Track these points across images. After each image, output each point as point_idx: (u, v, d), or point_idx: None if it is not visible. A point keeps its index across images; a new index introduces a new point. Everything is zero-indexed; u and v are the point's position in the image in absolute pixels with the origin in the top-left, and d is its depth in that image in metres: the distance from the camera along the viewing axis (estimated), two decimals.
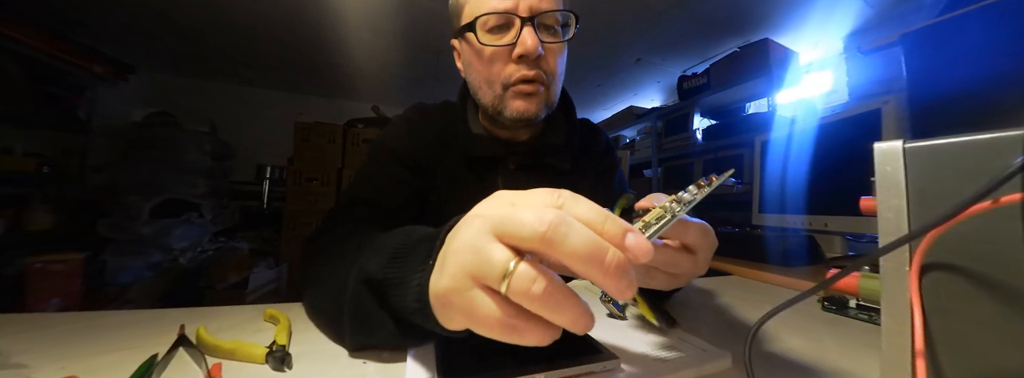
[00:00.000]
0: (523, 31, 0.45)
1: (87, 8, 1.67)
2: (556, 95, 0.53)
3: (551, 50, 0.48)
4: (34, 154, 1.80)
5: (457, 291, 0.19)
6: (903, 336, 0.21)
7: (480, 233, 0.19)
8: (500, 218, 0.19)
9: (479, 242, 0.19)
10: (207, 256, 2.05)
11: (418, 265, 0.26)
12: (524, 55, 0.45)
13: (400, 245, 0.29)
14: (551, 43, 0.48)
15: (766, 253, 0.79)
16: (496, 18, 0.45)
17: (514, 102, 0.49)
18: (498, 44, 0.46)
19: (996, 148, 0.19)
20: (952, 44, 0.68)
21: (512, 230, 0.18)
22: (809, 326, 0.42)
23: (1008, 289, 0.18)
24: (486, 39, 0.47)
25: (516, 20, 0.45)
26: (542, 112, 0.50)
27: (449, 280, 0.19)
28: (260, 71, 2.47)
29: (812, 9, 1.63)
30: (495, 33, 0.47)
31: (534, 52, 0.45)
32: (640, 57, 2.14)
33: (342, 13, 1.69)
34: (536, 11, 0.45)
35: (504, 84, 0.48)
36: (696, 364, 0.30)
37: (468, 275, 0.19)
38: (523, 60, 0.46)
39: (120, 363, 0.29)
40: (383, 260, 0.29)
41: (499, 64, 0.48)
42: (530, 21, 0.45)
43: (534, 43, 0.44)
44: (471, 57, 0.50)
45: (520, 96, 0.48)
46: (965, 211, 0.18)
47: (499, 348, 0.32)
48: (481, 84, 0.51)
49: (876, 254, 0.22)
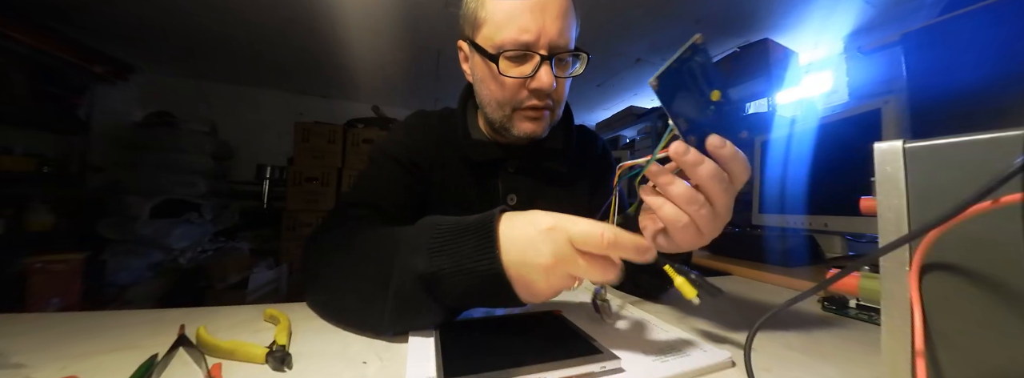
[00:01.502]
0: (541, 69, 0.47)
1: (87, 8, 1.67)
2: (560, 114, 0.56)
3: (561, 82, 0.51)
4: (34, 154, 1.81)
5: (564, 259, 0.29)
6: (903, 336, 0.21)
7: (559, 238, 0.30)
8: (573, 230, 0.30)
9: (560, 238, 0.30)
10: (207, 256, 2.05)
11: (474, 256, 0.31)
12: (539, 90, 0.48)
13: (434, 240, 0.33)
14: (563, 77, 0.50)
15: (766, 253, 0.79)
16: (516, 51, 0.47)
17: (522, 124, 0.52)
18: (516, 76, 0.48)
19: (996, 148, 0.19)
20: (952, 44, 0.68)
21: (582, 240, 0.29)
22: (809, 326, 0.42)
23: (1008, 289, 0.18)
24: (505, 68, 0.48)
25: (535, 55, 0.47)
26: (547, 131, 0.54)
27: (548, 254, 0.29)
28: (260, 71, 2.47)
29: (812, 9, 1.63)
30: (513, 62, 0.49)
31: (548, 89, 0.48)
32: (640, 57, 2.14)
33: (342, 13, 1.69)
34: (554, 49, 0.47)
35: (514, 108, 0.51)
36: (696, 364, 0.30)
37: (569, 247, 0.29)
38: (536, 93, 0.49)
39: (120, 363, 0.29)
40: (424, 255, 0.33)
41: (512, 91, 0.50)
42: (548, 60, 0.47)
43: (549, 80, 0.47)
44: (484, 75, 0.52)
45: (528, 119, 0.51)
46: (965, 211, 0.18)
47: (499, 348, 0.32)
48: (491, 101, 0.53)
49: (876, 254, 0.22)
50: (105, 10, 1.68)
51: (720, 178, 0.29)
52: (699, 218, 0.30)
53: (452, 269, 0.32)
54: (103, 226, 1.88)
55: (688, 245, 0.33)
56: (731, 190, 0.30)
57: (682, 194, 0.30)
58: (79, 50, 1.89)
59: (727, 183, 0.29)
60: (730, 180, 0.29)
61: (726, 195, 0.30)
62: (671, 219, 0.30)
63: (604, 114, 2.91)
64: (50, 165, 1.85)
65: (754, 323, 0.28)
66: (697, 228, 0.31)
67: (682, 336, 0.36)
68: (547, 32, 0.46)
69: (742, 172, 0.30)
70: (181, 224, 1.99)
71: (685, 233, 0.31)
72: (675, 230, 0.31)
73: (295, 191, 2.25)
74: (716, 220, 0.30)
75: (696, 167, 0.28)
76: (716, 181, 0.29)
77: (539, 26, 0.46)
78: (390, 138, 0.59)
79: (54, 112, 1.87)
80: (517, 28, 0.46)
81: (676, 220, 0.30)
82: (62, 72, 1.88)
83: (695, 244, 0.33)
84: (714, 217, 0.30)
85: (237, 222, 2.34)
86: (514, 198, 0.58)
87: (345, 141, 2.39)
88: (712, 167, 0.28)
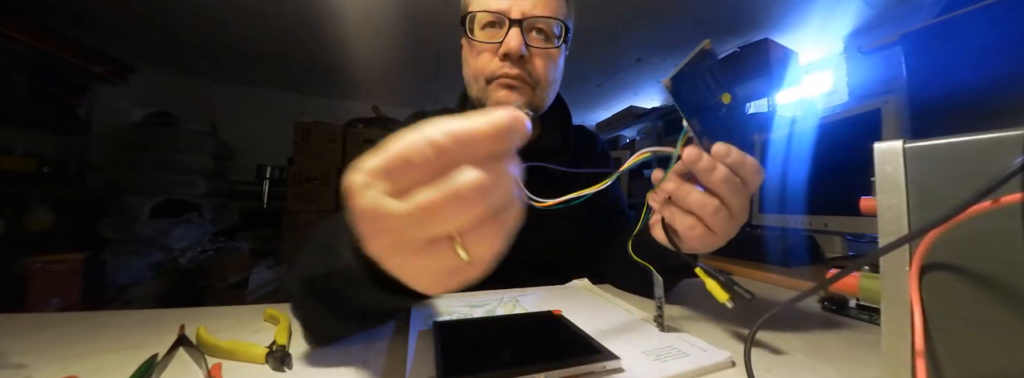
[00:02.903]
0: (510, 32, 0.48)
1: (87, 8, 1.67)
2: (545, 100, 0.54)
3: (539, 54, 0.50)
4: (34, 154, 1.80)
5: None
6: (903, 336, 0.21)
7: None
8: None
9: None
10: (207, 256, 2.05)
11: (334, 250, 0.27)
12: (507, 54, 0.48)
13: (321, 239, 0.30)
14: (539, 47, 0.50)
15: (766, 253, 0.79)
16: (490, 16, 0.49)
17: (496, 93, 0.51)
18: (485, 41, 0.50)
19: (996, 148, 0.19)
20: (952, 44, 0.68)
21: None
22: (809, 326, 0.42)
23: (1008, 289, 0.18)
24: (479, 35, 0.50)
25: (506, 21, 0.48)
26: (527, 109, 0.52)
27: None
28: (260, 71, 2.47)
29: (812, 9, 1.63)
30: (487, 30, 0.50)
31: (516, 52, 0.47)
32: (640, 57, 2.14)
33: (342, 13, 1.69)
34: (527, 16, 0.48)
35: (488, 78, 0.51)
36: (696, 364, 0.30)
37: None
38: (507, 58, 0.49)
39: (120, 363, 0.29)
40: (315, 254, 0.30)
41: (485, 59, 0.50)
42: (518, 23, 0.48)
43: (518, 44, 0.47)
44: (466, 51, 0.53)
45: (502, 87, 0.50)
46: (965, 211, 0.18)
47: (499, 348, 0.32)
48: (470, 78, 0.53)
49: (876, 254, 0.22)
50: (105, 10, 1.68)
51: (732, 183, 0.29)
52: (715, 223, 0.30)
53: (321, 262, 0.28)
54: (103, 226, 1.88)
55: (704, 247, 0.33)
56: (745, 193, 0.30)
57: (698, 201, 0.30)
58: (79, 50, 1.89)
59: (740, 187, 0.29)
60: (743, 184, 0.30)
61: (739, 199, 0.30)
62: (686, 225, 0.31)
63: (604, 114, 2.91)
64: (50, 165, 1.85)
65: (754, 323, 0.28)
66: (712, 232, 0.31)
67: (682, 336, 0.36)
68: (520, 1, 0.48)
69: (754, 175, 0.30)
70: (181, 224, 1.99)
71: (702, 239, 0.31)
72: (691, 236, 0.32)
73: (295, 191, 2.25)
74: (731, 221, 0.31)
75: (710, 173, 0.28)
76: (729, 186, 0.29)
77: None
78: (388, 139, 0.59)
79: (54, 112, 1.87)
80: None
81: (692, 226, 0.31)
82: (62, 72, 1.87)
83: (711, 246, 0.33)
84: (729, 219, 0.31)
85: (237, 222, 2.34)
86: None
87: (345, 141, 2.39)
88: (725, 172, 0.29)
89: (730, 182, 0.29)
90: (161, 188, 2.03)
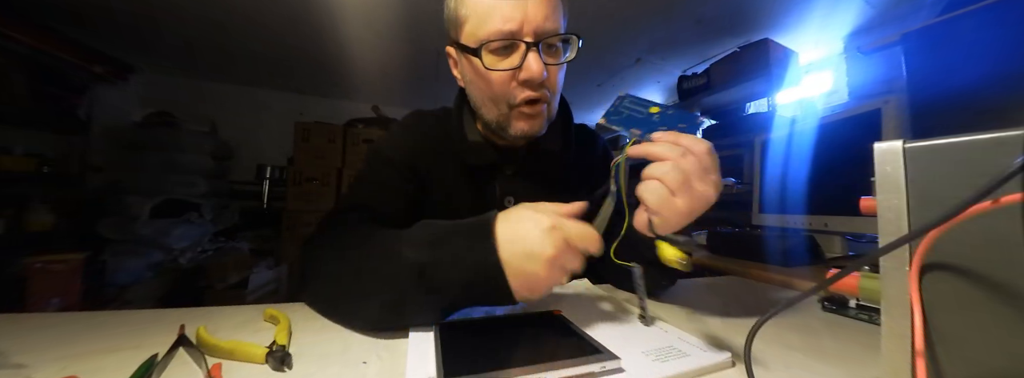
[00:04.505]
0: (528, 57, 0.45)
1: (87, 8, 1.67)
2: (556, 108, 0.54)
3: (553, 69, 0.49)
4: (34, 154, 1.80)
5: (563, 251, 0.33)
6: (903, 336, 0.21)
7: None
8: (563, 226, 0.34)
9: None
10: (207, 256, 2.05)
11: (470, 246, 0.34)
12: (529, 80, 0.46)
13: (432, 235, 0.36)
14: (555, 64, 0.48)
15: (766, 253, 0.79)
16: (501, 41, 0.45)
17: (518, 123, 0.50)
18: (503, 69, 0.46)
19: (996, 148, 0.19)
20: (952, 44, 0.68)
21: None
22: (809, 326, 0.42)
23: (1008, 289, 0.18)
24: (491, 62, 0.46)
25: (521, 44, 0.45)
26: (544, 128, 0.53)
27: (552, 247, 0.33)
28: (260, 71, 2.47)
29: (812, 9, 1.63)
30: (499, 55, 0.46)
31: (539, 78, 0.45)
32: (640, 57, 2.14)
33: (343, 13, 1.68)
34: (540, 34, 0.45)
35: (509, 104, 0.49)
36: (696, 364, 0.30)
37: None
38: (528, 83, 0.47)
39: (120, 363, 0.29)
40: (422, 248, 0.35)
41: (503, 85, 0.48)
42: (535, 46, 0.45)
43: (539, 69, 0.45)
44: (473, 75, 0.50)
45: (524, 117, 0.50)
46: (965, 211, 0.18)
47: (499, 348, 0.32)
48: (484, 101, 0.51)
49: (876, 254, 0.22)
50: (105, 10, 1.68)
51: (674, 149, 0.35)
52: (672, 180, 0.34)
53: (449, 260, 0.34)
54: (103, 226, 1.87)
55: (675, 217, 0.35)
56: (690, 157, 0.34)
57: (655, 166, 0.36)
58: (79, 50, 1.88)
59: (682, 150, 0.35)
60: (686, 150, 0.35)
61: (686, 160, 0.34)
62: (650, 189, 0.35)
63: None
64: (50, 165, 1.84)
65: (754, 323, 0.28)
66: (673, 193, 0.35)
67: (682, 336, 0.36)
68: (531, 18, 0.44)
69: (692, 143, 0.35)
70: (181, 224, 1.99)
71: (668, 204, 0.35)
72: (656, 200, 0.35)
73: (295, 191, 2.25)
74: (685, 182, 0.34)
75: (650, 148, 0.36)
76: (670, 149, 0.35)
77: (522, 13, 0.44)
78: (386, 141, 0.58)
79: (54, 112, 1.87)
80: (500, 18, 0.44)
81: (655, 189, 0.35)
82: (62, 72, 1.87)
83: (679, 213, 0.35)
84: (683, 179, 0.34)
85: (237, 222, 2.34)
86: (512, 200, 0.57)
87: (345, 141, 2.39)
88: (663, 140, 0.36)
89: (671, 148, 0.35)
90: (161, 188, 2.03)
